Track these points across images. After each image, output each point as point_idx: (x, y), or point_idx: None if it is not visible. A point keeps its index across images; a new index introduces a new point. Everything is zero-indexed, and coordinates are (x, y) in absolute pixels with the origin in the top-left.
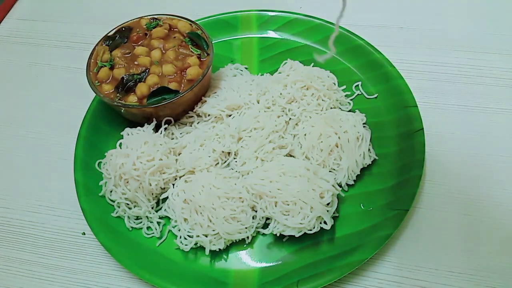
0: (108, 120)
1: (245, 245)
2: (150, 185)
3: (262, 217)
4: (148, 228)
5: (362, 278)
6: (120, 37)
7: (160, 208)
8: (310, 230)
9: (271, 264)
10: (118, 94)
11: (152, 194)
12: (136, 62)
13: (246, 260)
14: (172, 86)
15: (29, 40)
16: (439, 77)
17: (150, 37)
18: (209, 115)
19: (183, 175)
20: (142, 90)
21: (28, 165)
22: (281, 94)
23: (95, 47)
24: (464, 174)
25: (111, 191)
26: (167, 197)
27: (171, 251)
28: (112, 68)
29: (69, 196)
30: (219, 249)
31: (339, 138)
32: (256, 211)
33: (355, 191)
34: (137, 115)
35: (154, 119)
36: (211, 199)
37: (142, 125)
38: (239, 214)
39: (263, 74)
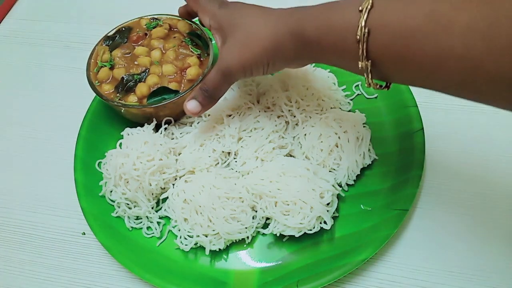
0: (108, 120)
1: (245, 245)
2: (150, 185)
3: (262, 217)
4: (148, 228)
5: (362, 278)
6: (120, 37)
7: (160, 208)
8: (310, 230)
9: (271, 264)
10: (118, 94)
11: (152, 194)
12: (136, 62)
13: (246, 260)
14: (172, 86)
15: (29, 40)
16: None
17: (150, 37)
18: (209, 115)
19: (183, 175)
20: (142, 90)
21: (28, 165)
22: (281, 94)
23: (95, 47)
24: (464, 174)
25: (111, 191)
26: (167, 197)
27: (171, 251)
28: (112, 68)
29: (69, 196)
30: (219, 249)
31: (339, 138)
32: (256, 211)
33: (355, 191)
34: (137, 115)
35: (154, 119)
36: (211, 199)
37: (142, 125)
38: (239, 214)
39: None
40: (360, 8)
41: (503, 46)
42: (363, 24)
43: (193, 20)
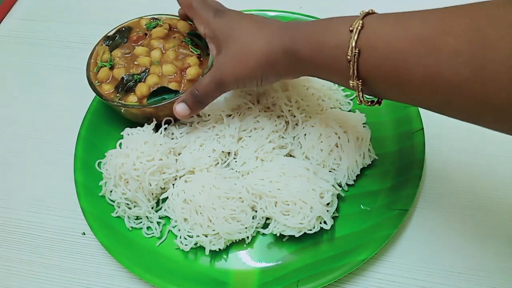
0: (108, 120)
1: (245, 245)
2: (150, 185)
3: (262, 217)
4: (148, 228)
5: (362, 278)
6: (120, 37)
7: (160, 208)
8: (310, 230)
9: (271, 264)
10: (118, 94)
11: (152, 194)
12: (136, 62)
13: (246, 260)
14: (172, 86)
15: (29, 40)
16: None
17: (150, 37)
18: (209, 115)
19: (183, 175)
20: (142, 90)
21: (28, 165)
22: (281, 94)
23: (95, 47)
24: (464, 174)
25: (111, 191)
26: (167, 197)
27: (171, 251)
28: (112, 68)
29: (69, 196)
30: (219, 249)
31: (339, 138)
32: (256, 211)
33: (355, 191)
34: (137, 115)
35: (154, 119)
36: (211, 199)
37: (142, 125)
38: (239, 214)
39: None
40: (351, 28)
41: (488, 72)
42: (353, 44)
43: None
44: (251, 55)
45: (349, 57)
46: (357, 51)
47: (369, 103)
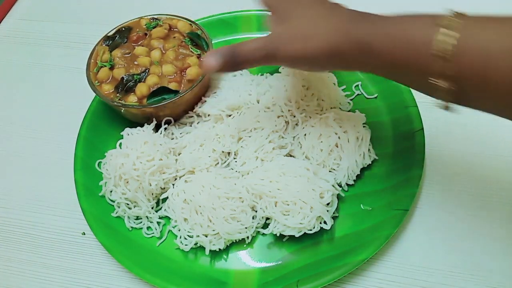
0: (108, 120)
1: (245, 245)
2: (150, 185)
3: (262, 217)
4: (148, 228)
5: (362, 278)
6: (120, 37)
7: (160, 208)
8: (310, 230)
9: (271, 264)
10: (118, 94)
11: (152, 194)
12: (136, 62)
13: (246, 260)
14: (172, 86)
15: (29, 40)
16: None
17: (150, 37)
18: (209, 115)
19: (183, 175)
20: (142, 90)
21: (28, 165)
22: (281, 94)
23: (95, 47)
24: (464, 174)
25: (111, 191)
26: (167, 197)
27: (171, 251)
28: (112, 68)
29: (69, 196)
30: (219, 249)
31: (339, 138)
32: (256, 211)
33: (355, 191)
34: (137, 115)
35: (154, 119)
36: (211, 199)
37: (142, 125)
38: (239, 214)
39: (263, 74)
40: (443, 26)
41: None
42: (449, 40)
43: (193, 20)
44: (313, 38)
45: (441, 53)
46: (451, 48)
47: (445, 107)
